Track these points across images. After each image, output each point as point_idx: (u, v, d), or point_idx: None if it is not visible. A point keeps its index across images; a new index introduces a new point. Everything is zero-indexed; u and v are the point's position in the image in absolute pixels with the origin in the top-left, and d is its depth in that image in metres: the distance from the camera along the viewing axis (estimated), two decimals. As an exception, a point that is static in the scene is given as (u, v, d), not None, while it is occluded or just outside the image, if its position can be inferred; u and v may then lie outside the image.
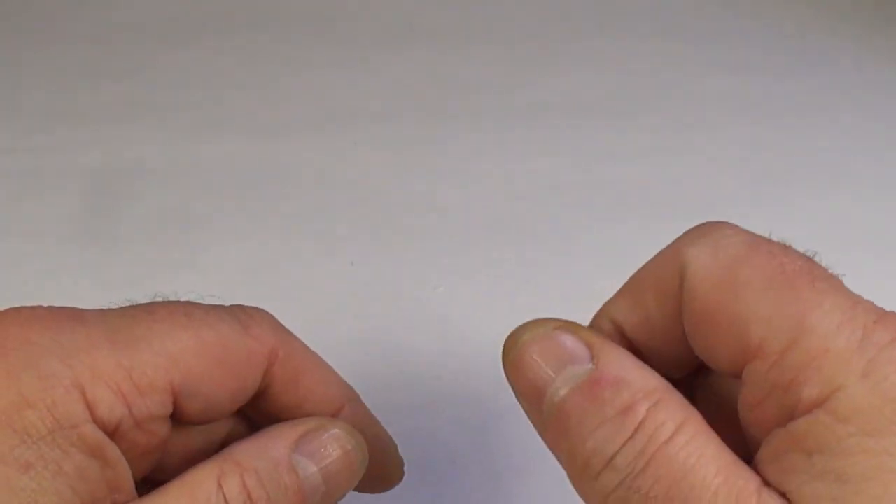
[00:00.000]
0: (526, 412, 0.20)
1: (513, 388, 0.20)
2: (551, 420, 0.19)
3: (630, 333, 0.21)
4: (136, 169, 0.45)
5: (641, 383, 0.18)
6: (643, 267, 0.21)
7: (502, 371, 0.21)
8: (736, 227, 0.20)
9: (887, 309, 0.18)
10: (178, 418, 0.21)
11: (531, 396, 0.20)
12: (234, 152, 0.46)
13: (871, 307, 0.17)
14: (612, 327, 0.21)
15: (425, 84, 0.51)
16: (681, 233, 0.43)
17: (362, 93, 0.51)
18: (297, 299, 0.38)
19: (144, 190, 0.44)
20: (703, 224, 0.20)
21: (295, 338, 0.23)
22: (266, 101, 0.50)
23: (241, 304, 0.23)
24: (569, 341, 0.20)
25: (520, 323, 0.33)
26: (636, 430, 0.18)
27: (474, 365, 0.36)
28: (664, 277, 0.20)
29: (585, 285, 0.39)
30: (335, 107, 0.50)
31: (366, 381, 0.35)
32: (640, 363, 0.19)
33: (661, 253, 0.20)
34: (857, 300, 0.17)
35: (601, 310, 0.22)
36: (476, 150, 0.47)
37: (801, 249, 0.19)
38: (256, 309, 0.23)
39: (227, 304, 0.23)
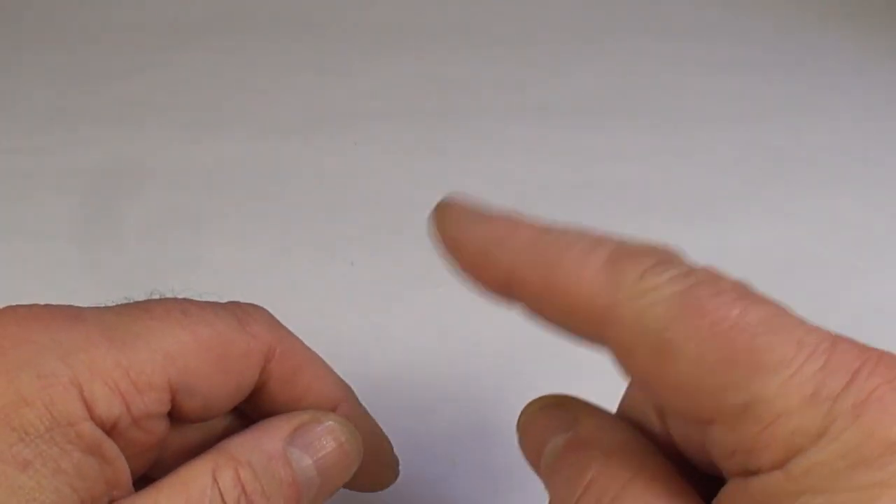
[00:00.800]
0: None
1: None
2: (544, 484, 0.21)
3: (519, 293, 0.19)
4: (136, 169, 0.45)
5: (600, 443, 0.19)
6: (563, 263, 0.18)
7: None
8: (667, 271, 0.17)
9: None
10: (175, 416, 0.21)
11: (534, 466, 0.22)
12: (234, 152, 0.46)
13: (818, 344, 0.16)
14: (504, 270, 0.19)
15: (425, 84, 0.51)
16: (680, 233, 0.43)
17: (362, 93, 0.51)
18: (297, 299, 0.38)
19: (144, 190, 0.44)
20: (637, 262, 0.18)
21: (292, 334, 0.23)
22: (266, 101, 0.50)
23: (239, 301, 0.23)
24: (555, 415, 0.21)
25: (518, 323, 0.33)
26: (585, 489, 0.19)
27: (474, 365, 0.36)
28: (582, 311, 0.18)
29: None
30: (335, 107, 0.49)
31: (365, 381, 0.35)
32: (612, 423, 0.20)
33: (584, 271, 0.18)
34: (800, 341, 0.16)
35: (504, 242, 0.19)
36: (476, 150, 0.47)
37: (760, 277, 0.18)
38: (253, 306, 0.23)
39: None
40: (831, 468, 0.15)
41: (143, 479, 0.21)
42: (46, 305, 0.20)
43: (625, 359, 0.18)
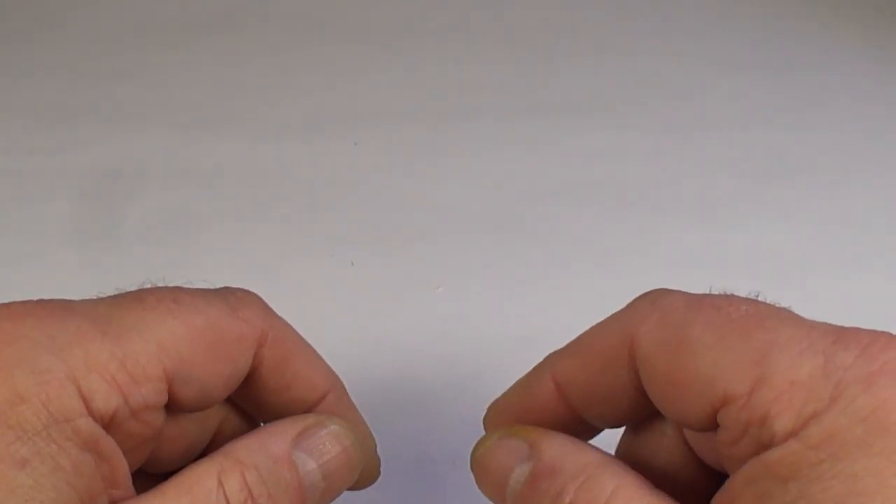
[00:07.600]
0: None
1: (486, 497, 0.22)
2: None
3: (569, 392, 0.22)
4: (136, 169, 0.45)
5: (571, 466, 0.20)
6: (589, 336, 0.22)
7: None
8: (675, 291, 0.20)
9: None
10: (172, 406, 0.21)
11: (498, 501, 0.22)
12: (234, 152, 0.46)
13: (827, 329, 0.17)
14: (552, 386, 0.22)
15: (425, 84, 0.51)
16: (680, 233, 0.43)
17: (362, 93, 0.51)
18: (298, 299, 0.38)
19: (144, 190, 0.44)
20: (644, 296, 0.21)
21: (283, 321, 0.23)
22: (266, 102, 0.50)
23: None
24: (512, 445, 0.21)
25: (518, 323, 0.33)
26: None
27: (474, 365, 0.36)
28: (612, 353, 0.20)
29: (585, 285, 0.39)
30: (335, 107, 0.50)
31: (366, 380, 0.35)
32: (575, 444, 0.21)
33: (606, 326, 0.21)
34: (811, 326, 0.18)
35: (543, 364, 0.23)
36: (476, 150, 0.47)
37: (745, 291, 0.20)
38: (244, 291, 0.23)
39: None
40: (850, 434, 0.16)
41: (141, 474, 0.21)
42: (39, 300, 0.19)
43: (649, 371, 0.19)
